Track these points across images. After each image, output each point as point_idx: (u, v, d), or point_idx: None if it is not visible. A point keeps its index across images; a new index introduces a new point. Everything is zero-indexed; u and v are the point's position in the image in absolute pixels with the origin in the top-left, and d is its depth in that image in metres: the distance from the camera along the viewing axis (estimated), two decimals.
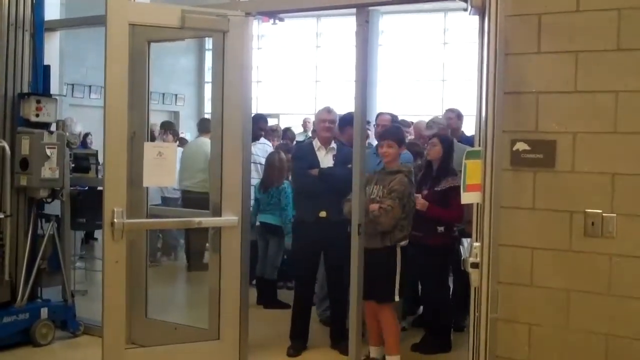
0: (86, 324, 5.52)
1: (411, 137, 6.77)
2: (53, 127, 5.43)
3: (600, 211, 3.31)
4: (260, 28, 16.47)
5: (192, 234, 7.75)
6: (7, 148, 5.14)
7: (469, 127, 5.97)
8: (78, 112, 12.03)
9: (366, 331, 5.01)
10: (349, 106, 5.12)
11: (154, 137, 8.51)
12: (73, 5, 7.42)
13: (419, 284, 5.67)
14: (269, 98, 16.85)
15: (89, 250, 8.98)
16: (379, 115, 6.62)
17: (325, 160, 5.28)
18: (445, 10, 15.35)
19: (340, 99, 12.82)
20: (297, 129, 11.17)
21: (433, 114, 9.47)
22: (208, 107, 16.28)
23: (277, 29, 15.90)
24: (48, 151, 5.22)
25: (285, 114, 16.38)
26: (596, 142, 3.33)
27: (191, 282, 7.95)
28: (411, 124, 7.42)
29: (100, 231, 4.84)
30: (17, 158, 5.19)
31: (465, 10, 3.75)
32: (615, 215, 3.29)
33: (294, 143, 8.25)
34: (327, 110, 5.41)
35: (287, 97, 17.07)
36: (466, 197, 3.22)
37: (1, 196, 5.19)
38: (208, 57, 16.92)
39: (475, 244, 3.01)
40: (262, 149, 7.22)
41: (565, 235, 3.39)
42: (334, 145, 5.35)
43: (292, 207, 6.27)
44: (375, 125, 6.50)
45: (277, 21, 14.93)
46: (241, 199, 4.71)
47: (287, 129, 9.49)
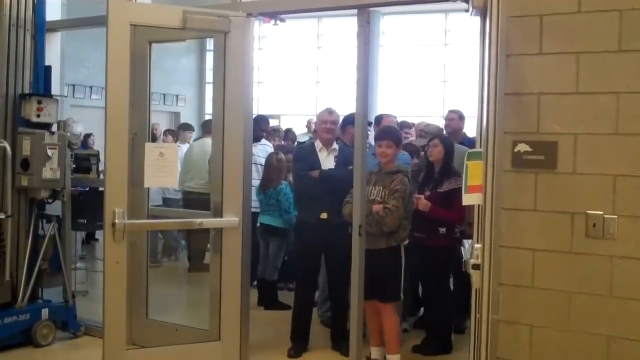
0: (87, 325, 5.52)
1: (412, 138, 6.76)
2: (54, 128, 5.43)
3: (601, 213, 3.31)
4: (261, 29, 16.46)
5: (194, 235, 7.76)
6: (8, 148, 5.14)
7: (470, 129, 5.97)
8: (79, 112, 12.00)
9: (367, 332, 5.01)
10: (350, 107, 5.11)
11: (155, 138, 8.52)
12: (74, 6, 7.40)
13: (420, 285, 5.67)
14: (270, 99, 16.85)
15: (90, 251, 8.99)
16: (384, 117, 6.57)
17: (326, 161, 5.27)
18: (447, 11, 15.34)
19: (341, 100, 12.80)
20: (300, 129, 11.16)
21: (434, 115, 9.48)
22: (209, 108, 16.27)
23: (278, 29, 15.87)
24: (49, 152, 5.22)
25: (286, 114, 16.38)
26: (598, 144, 3.33)
27: (192, 283, 7.95)
28: (412, 125, 7.41)
29: (101, 232, 4.84)
30: (18, 158, 5.19)
31: (467, 11, 3.77)
32: (616, 216, 3.28)
33: (295, 144, 8.25)
34: (328, 111, 5.40)
35: (288, 98, 17.07)
36: (467, 199, 3.23)
37: (2, 196, 5.20)
38: (209, 57, 16.91)
39: (476, 245, 3.01)
40: (263, 149, 7.21)
41: (567, 237, 3.38)
42: (336, 146, 5.35)
43: (293, 208, 6.27)
44: (377, 126, 6.45)
45: (278, 22, 14.89)
46: (242, 199, 4.71)
47: (289, 130, 9.49)
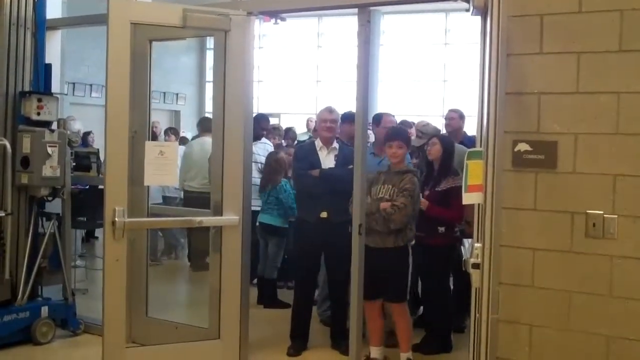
0: (86, 323, 5.52)
1: (412, 137, 6.74)
2: (54, 126, 5.43)
3: (601, 212, 3.31)
4: (261, 27, 16.46)
5: (195, 234, 7.74)
6: (8, 146, 5.14)
7: (470, 128, 5.96)
8: (79, 110, 12.03)
9: (366, 331, 5.01)
10: (350, 106, 5.11)
11: (156, 136, 8.51)
12: (74, 4, 7.40)
13: (419, 284, 5.67)
14: (270, 98, 16.84)
15: (90, 249, 8.99)
16: (383, 115, 6.53)
17: (326, 160, 5.27)
18: (447, 11, 15.34)
19: (341, 99, 12.80)
20: (300, 128, 11.15)
21: (434, 114, 9.46)
22: (209, 107, 16.27)
23: (278, 28, 15.88)
24: (49, 149, 5.22)
25: (286, 113, 16.38)
26: (598, 143, 3.33)
27: (192, 281, 7.95)
28: (412, 124, 7.40)
29: (100, 230, 4.84)
30: (18, 156, 5.19)
31: (467, 10, 3.76)
32: (616, 216, 3.28)
33: (295, 143, 8.24)
34: (328, 110, 5.40)
35: (288, 97, 17.07)
36: (467, 198, 3.22)
37: (2, 194, 5.20)
38: (209, 56, 16.91)
39: (476, 244, 3.01)
40: (263, 148, 7.21)
41: (567, 236, 3.38)
42: (336, 145, 5.35)
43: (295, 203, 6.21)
44: (380, 127, 6.40)
45: (278, 21, 14.91)
46: (242, 198, 4.71)
47: (289, 129, 9.48)
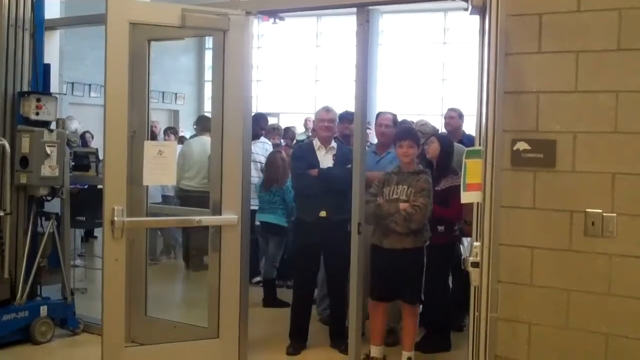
0: (86, 322, 5.53)
1: None
2: (53, 126, 5.43)
3: (600, 211, 3.31)
4: (260, 27, 16.46)
5: (189, 234, 7.74)
6: (7, 146, 5.14)
7: (469, 127, 5.98)
8: (78, 110, 12.04)
9: (366, 330, 5.01)
10: (349, 105, 5.11)
11: (155, 136, 8.51)
12: (73, 4, 7.39)
13: None
14: (269, 97, 16.85)
15: (89, 249, 8.99)
16: (380, 114, 6.55)
17: (325, 160, 5.27)
18: (446, 10, 15.36)
19: (340, 99, 12.80)
20: (300, 128, 11.15)
21: (433, 113, 9.46)
22: (208, 106, 16.27)
23: (277, 28, 15.90)
24: (48, 149, 5.22)
25: (285, 113, 16.38)
26: (597, 142, 3.33)
27: (191, 280, 7.95)
28: (411, 123, 7.40)
29: (100, 229, 4.84)
30: (17, 156, 5.20)
31: (466, 9, 3.75)
32: (615, 215, 3.28)
33: (294, 142, 8.25)
34: (326, 109, 5.40)
35: (287, 97, 17.07)
36: (466, 197, 3.22)
37: (1, 194, 5.20)
38: (208, 55, 16.92)
39: (475, 243, 3.01)
40: (261, 147, 7.23)
41: (566, 235, 3.38)
42: (334, 144, 5.35)
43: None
44: (375, 125, 6.43)
45: (277, 20, 14.93)
46: (241, 197, 4.71)
47: (287, 129, 9.48)
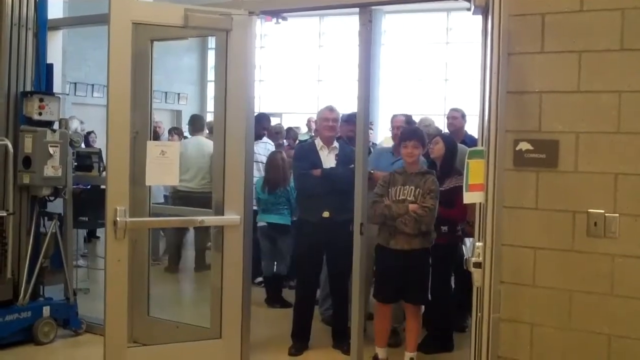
0: (88, 323, 5.53)
1: None
2: (56, 126, 5.43)
3: (602, 211, 3.31)
4: (263, 27, 16.46)
5: (172, 234, 7.78)
6: (10, 146, 5.15)
7: (472, 127, 5.97)
8: (80, 110, 12.04)
9: (370, 331, 5.00)
10: (352, 106, 5.10)
11: (158, 136, 8.50)
12: (76, 4, 7.40)
13: None
14: (272, 97, 16.85)
15: (91, 249, 9.00)
16: (394, 116, 6.55)
17: (327, 160, 5.27)
18: (448, 10, 15.36)
19: (342, 99, 12.80)
20: (302, 128, 11.13)
21: (436, 113, 9.44)
22: (210, 106, 16.28)
23: (280, 28, 15.89)
24: (51, 149, 5.22)
25: (287, 113, 16.38)
26: (599, 142, 3.33)
27: (193, 281, 7.95)
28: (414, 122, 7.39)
29: (102, 229, 4.84)
30: (20, 156, 5.20)
31: (468, 9, 3.75)
32: (618, 215, 3.28)
33: (296, 142, 8.24)
34: (329, 109, 5.38)
35: (289, 97, 17.07)
36: (469, 197, 3.22)
37: (4, 194, 5.20)
38: (211, 56, 16.92)
39: (477, 243, 3.01)
40: (264, 147, 7.22)
41: (568, 235, 3.38)
42: (336, 144, 5.34)
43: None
44: (392, 127, 6.41)
45: (280, 20, 14.91)
46: (244, 198, 4.71)
47: (290, 129, 9.47)
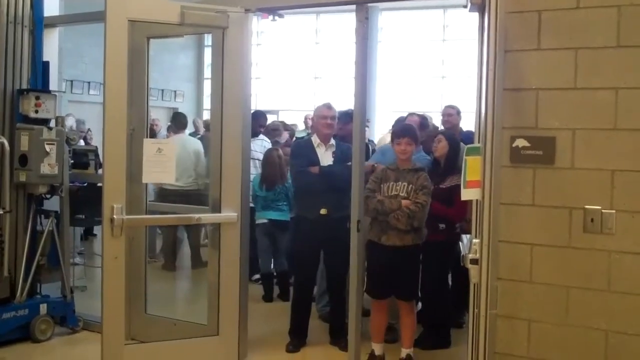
0: (85, 320, 5.53)
1: None
2: (52, 124, 5.42)
3: (599, 207, 3.32)
4: (259, 24, 16.45)
5: (168, 232, 7.77)
6: (7, 144, 5.13)
7: (468, 124, 5.97)
8: (77, 108, 12.03)
9: (367, 328, 5.00)
10: (348, 103, 5.10)
11: (155, 134, 8.49)
12: (72, 2, 7.36)
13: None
14: (268, 94, 16.84)
15: (88, 247, 8.98)
16: (409, 115, 6.51)
17: (325, 157, 5.26)
18: (445, 7, 15.37)
19: (339, 96, 12.80)
20: (299, 126, 11.13)
21: (432, 110, 9.44)
22: (207, 104, 16.27)
23: (276, 25, 15.89)
24: (47, 147, 5.21)
25: (284, 110, 16.37)
26: (596, 139, 3.34)
27: (190, 278, 7.95)
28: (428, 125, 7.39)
29: (99, 227, 4.84)
30: (16, 154, 5.19)
31: (465, 6, 3.76)
32: (614, 211, 3.29)
33: (293, 139, 8.24)
34: (327, 106, 5.37)
35: (286, 94, 17.06)
36: (466, 194, 3.23)
37: (0, 192, 5.18)
38: (207, 53, 16.90)
39: (474, 240, 3.02)
40: (260, 145, 7.23)
41: (565, 232, 3.39)
42: (333, 142, 5.34)
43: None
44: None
45: (276, 17, 14.86)
46: (240, 195, 4.71)
47: (287, 126, 9.46)
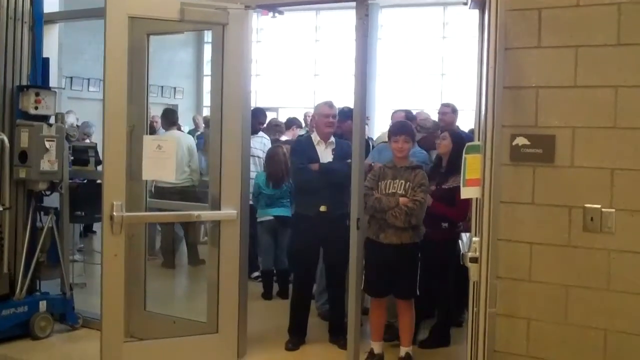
0: (85, 317, 5.53)
1: None
2: (52, 120, 5.42)
3: (599, 206, 3.31)
4: (259, 21, 16.44)
5: (167, 230, 7.75)
6: (6, 141, 5.12)
7: (468, 122, 5.98)
8: (76, 104, 12.01)
9: (367, 326, 5.00)
10: (348, 100, 5.10)
11: (154, 130, 8.48)
12: None
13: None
14: (268, 92, 16.84)
15: (88, 243, 8.98)
16: (394, 112, 6.57)
17: (325, 154, 5.26)
18: (445, 4, 15.37)
19: (339, 93, 12.81)
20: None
21: (432, 108, 9.42)
22: (207, 100, 16.27)
23: (276, 22, 15.89)
24: (47, 144, 5.21)
25: (284, 107, 16.38)
26: (596, 137, 3.33)
27: (190, 275, 7.95)
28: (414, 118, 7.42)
29: (99, 224, 4.84)
30: (16, 151, 5.18)
31: (465, 4, 3.76)
32: (614, 210, 3.29)
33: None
34: (329, 105, 5.34)
35: (286, 91, 17.06)
36: (466, 192, 3.23)
37: (0, 189, 5.18)
38: (207, 50, 16.90)
39: (474, 238, 3.01)
40: (260, 142, 7.23)
41: (564, 230, 3.39)
42: (333, 139, 5.33)
43: None
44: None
45: (276, 14, 14.92)
46: (240, 192, 4.71)
47: (294, 119, 9.45)
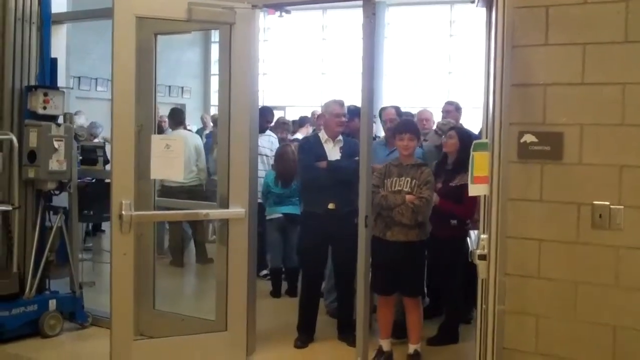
0: (94, 316, 5.56)
1: (429, 132, 6.77)
2: (60, 120, 5.45)
3: (607, 203, 3.31)
4: (266, 20, 16.45)
5: (176, 229, 7.80)
6: (15, 141, 5.16)
7: (476, 120, 5.96)
8: (85, 104, 12.04)
9: (374, 323, 5.01)
10: (355, 98, 5.10)
11: (162, 130, 8.51)
12: None
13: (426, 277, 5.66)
14: (275, 90, 16.85)
15: (97, 242, 9.01)
16: (383, 109, 6.63)
17: (332, 152, 5.26)
18: (452, 2, 15.34)
19: (346, 92, 12.80)
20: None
21: (439, 106, 9.43)
22: (214, 100, 16.30)
23: (283, 21, 15.90)
24: (56, 144, 5.24)
25: (291, 106, 16.39)
26: (604, 134, 3.32)
27: (198, 273, 7.98)
28: (413, 116, 7.43)
29: (107, 223, 4.86)
30: (25, 150, 5.22)
31: (472, 2, 3.76)
32: (622, 207, 3.28)
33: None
34: (340, 103, 5.34)
35: (293, 90, 17.07)
36: (474, 189, 3.23)
37: (9, 188, 5.22)
38: (214, 49, 16.92)
39: (482, 235, 3.02)
40: (267, 140, 7.25)
41: (573, 228, 3.38)
42: (340, 137, 5.34)
43: None
44: (383, 120, 6.50)
45: (283, 13, 14.93)
46: (248, 191, 4.72)
47: (306, 117, 9.48)
